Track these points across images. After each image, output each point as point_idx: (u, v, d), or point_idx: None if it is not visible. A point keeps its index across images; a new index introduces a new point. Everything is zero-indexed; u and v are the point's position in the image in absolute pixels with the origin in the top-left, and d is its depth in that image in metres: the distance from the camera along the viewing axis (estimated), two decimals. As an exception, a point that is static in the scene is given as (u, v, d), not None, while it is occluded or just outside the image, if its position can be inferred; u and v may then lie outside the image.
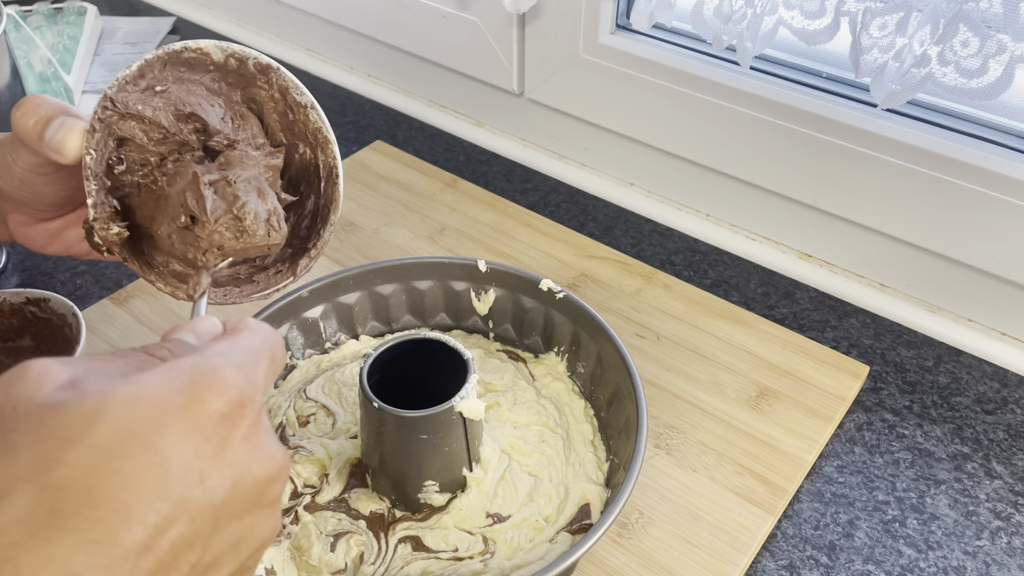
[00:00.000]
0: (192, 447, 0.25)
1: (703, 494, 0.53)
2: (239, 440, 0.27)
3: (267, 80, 0.42)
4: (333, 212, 0.44)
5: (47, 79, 0.90)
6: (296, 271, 0.43)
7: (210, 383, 0.26)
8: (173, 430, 0.25)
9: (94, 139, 0.37)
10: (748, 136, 0.68)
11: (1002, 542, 0.52)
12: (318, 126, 0.43)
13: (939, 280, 0.66)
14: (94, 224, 0.38)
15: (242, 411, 0.27)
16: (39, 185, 0.41)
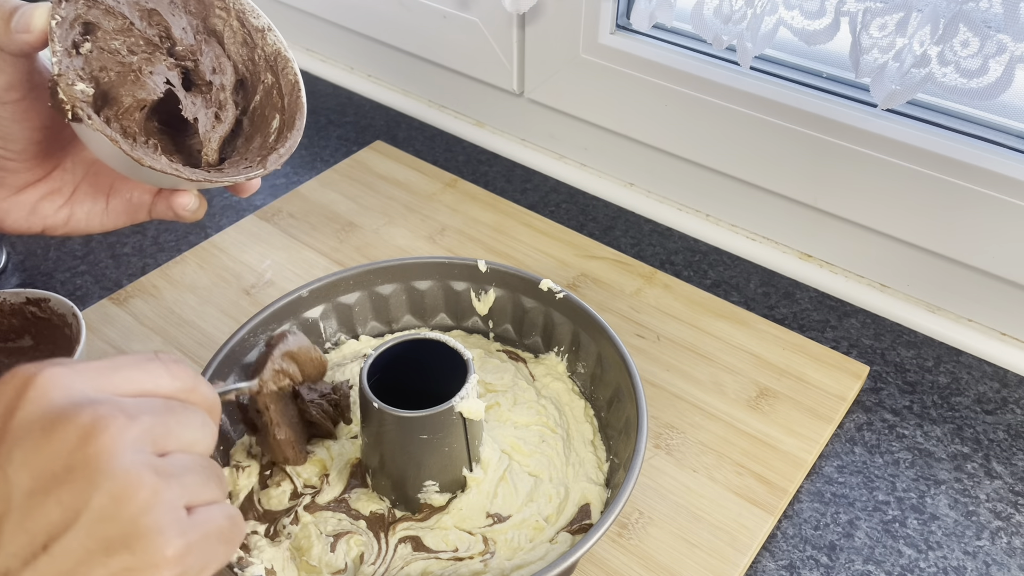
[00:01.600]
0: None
1: (703, 494, 0.53)
2: (16, 443, 0.27)
3: (224, 6, 0.43)
4: (299, 119, 0.44)
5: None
6: (266, 164, 0.43)
7: (17, 393, 0.28)
8: None
9: (60, 8, 0.37)
10: (748, 136, 0.68)
11: (1002, 542, 0.52)
12: (277, 48, 0.44)
13: (939, 280, 0.66)
14: (59, 80, 0.37)
15: (29, 391, 0.28)
16: (7, 122, 0.39)
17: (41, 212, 0.44)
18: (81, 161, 0.45)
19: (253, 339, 0.53)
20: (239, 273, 0.70)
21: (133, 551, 0.26)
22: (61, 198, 0.44)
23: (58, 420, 0.26)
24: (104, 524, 0.26)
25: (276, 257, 0.71)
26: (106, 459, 0.26)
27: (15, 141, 0.40)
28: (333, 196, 0.78)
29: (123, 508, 0.26)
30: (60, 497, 0.26)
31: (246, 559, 0.42)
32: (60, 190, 0.44)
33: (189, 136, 0.44)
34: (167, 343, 0.64)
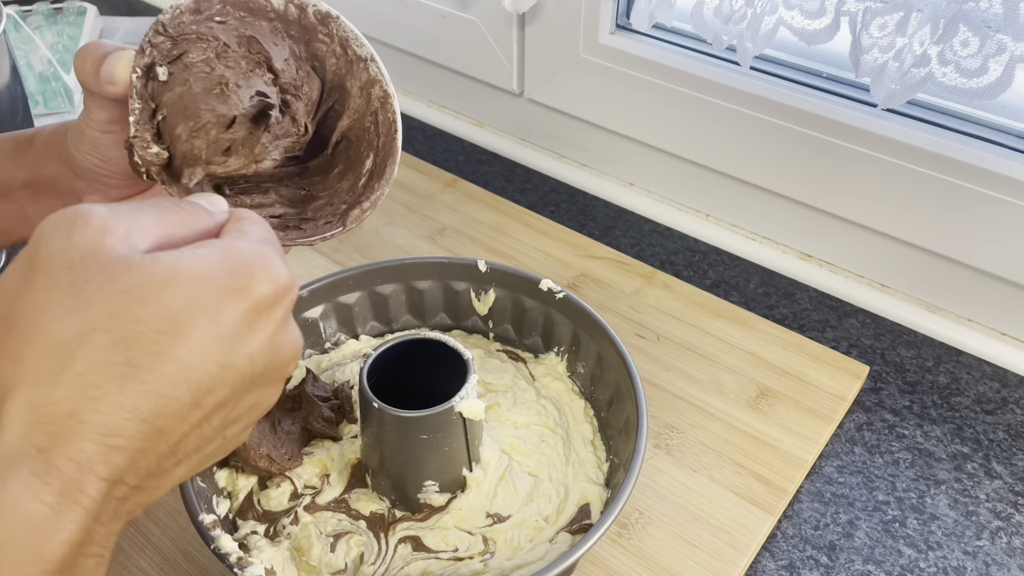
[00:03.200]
0: (246, 324, 0.28)
1: (703, 494, 0.53)
2: (279, 323, 0.30)
3: (327, 32, 0.41)
4: (390, 166, 0.41)
5: (47, 79, 0.90)
6: (346, 222, 0.41)
7: (266, 270, 0.29)
8: (233, 307, 0.28)
9: (142, 60, 0.37)
10: (748, 136, 0.68)
11: (1002, 542, 0.52)
12: (378, 79, 0.41)
13: (939, 280, 0.65)
14: (134, 142, 0.37)
15: (285, 298, 0.30)
16: (108, 147, 0.41)
17: None
18: None
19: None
20: (239, 273, 0.70)
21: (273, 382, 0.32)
22: None
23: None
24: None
25: (276, 257, 0.71)
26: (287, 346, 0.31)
27: (116, 163, 0.42)
28: (333, 196, 0.78)
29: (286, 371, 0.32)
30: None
31: (246, 559, 0.42)
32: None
33: (278, 175, 0.42)
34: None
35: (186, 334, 0.27)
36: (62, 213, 0.28)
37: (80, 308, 0.26)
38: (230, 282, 0.28)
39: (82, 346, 0.26)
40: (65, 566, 0.26)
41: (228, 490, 0.48)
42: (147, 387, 0.26)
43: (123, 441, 0.26)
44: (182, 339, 0.27)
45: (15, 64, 0.69)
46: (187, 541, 0.52)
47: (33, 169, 0.44)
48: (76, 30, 1.01)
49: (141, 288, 0.27)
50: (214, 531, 0.42)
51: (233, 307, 0.28)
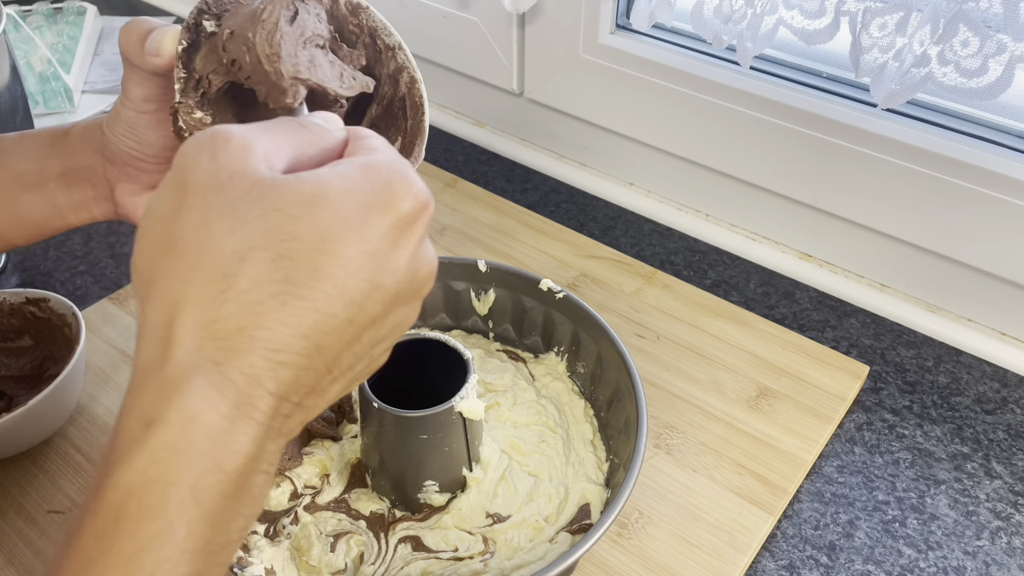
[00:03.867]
0: (391, 240, 0.28)
1: (703, 494, 0.53)
2: (419, 239, 0.30)
3: (358, 23, 0.42)
4: (418, 146, 0.43)
5: (47, 79, 0.90)
6: None
7: (406, 185, 0.29)
8: (378, 223, 0.28)
9: (187, 35, 0.38)
10: (748, 136, 0.68)
11: (1002, 542, 0.52)
12: (405, 66, 0.43)
13: (939, 280, 0.65)
14: (179, 107, 0.38)
15: (424, 214, 0.30)
16: (143, 128, 0.42)
17: None
18: None
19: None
20: (239, 273, 0.70)
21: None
22: None
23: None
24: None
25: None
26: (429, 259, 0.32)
27: (150, 146, 0.43)
28: (333, 196, 0.78)
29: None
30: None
31: (245, 559, 0.42)
32: None
33: None
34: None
35: (337, 251, 0.27)
36: (201, 135, 0.28)
37: (237, 227, 0.27)
38: (373, 198, 0.28)
39: (243, 264, 0.26)
40: (240, 477, 0.27)
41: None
42: (306, 304, 0.27)
43: (288, 357, 0.27)
44: (334, 256, 0.27)
45: (15, 64, 0.69)
46: (187, 541, 0.51)
47: (68, 160, 0.45)
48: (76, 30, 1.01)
49: (291, 206, 0.27)
50: (214, 531, 0.42)
51: (378, 223, 0.28)
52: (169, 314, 0.27)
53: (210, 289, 0.26)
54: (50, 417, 0.55)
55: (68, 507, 0.54)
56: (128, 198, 0.45)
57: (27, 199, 0.45)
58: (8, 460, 0.56)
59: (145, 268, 0.28)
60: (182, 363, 0.26)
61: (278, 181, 0.27)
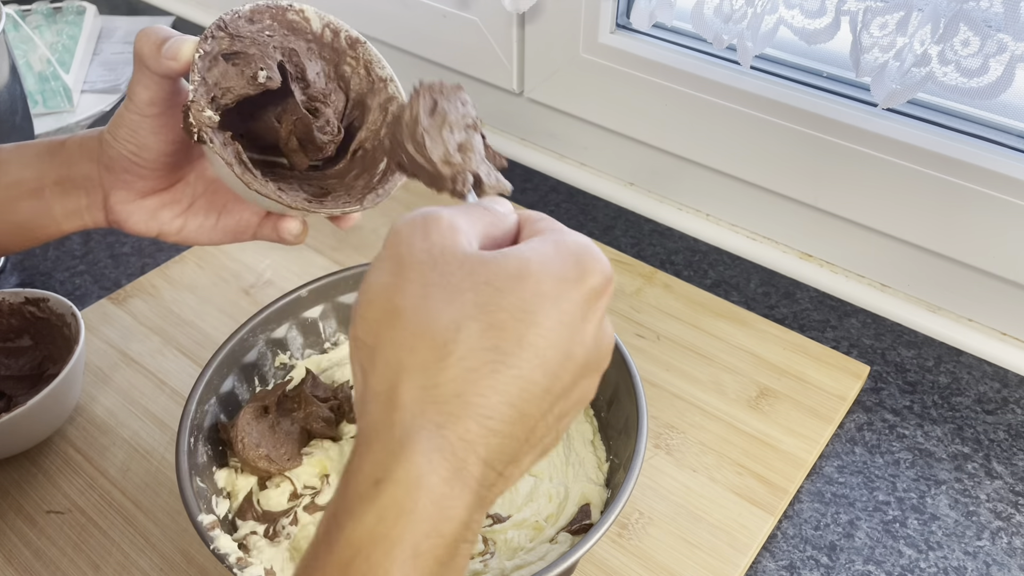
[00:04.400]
0: (582, 312, 0.30)
1: (703, 494, 0.53)
2: (603, 312, 0.32)
3: (355, 55, 0.46)
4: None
5: (46, 78, 0.90)
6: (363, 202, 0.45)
7: (595, 260, 0.31)
8: (572, 296, 0.30)
9: (204, 44, 0.41)
10: (748, 136, 0.68)
11: (1002, 542, 0.52)
12: (395, 96, 0.46)
13: (939, 280, 0.65)
14: (191, 105, 0.40)
15: (609, 287, 0.32)
16: (145, 132, 0.44)
17: (159, 218, 0.48)
18: (203, 179, 0.49)
19: (252, 339, 0.53)
20: (238, 273, 0.70)
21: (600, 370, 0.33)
22: (179, 208, 0.48)
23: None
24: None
25: (275, 257, 0.71)
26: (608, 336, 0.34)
27: (149, 151, 0.44)
28: (333, 196, 0.78)
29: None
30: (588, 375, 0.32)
31: (245, 559, 0.42)
32: (179, 201, 0.48)
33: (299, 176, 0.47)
34: (166, 343, 0.64)
35: (539, 322, 0.29)
36: (413, 217, 0.30)
37: (452, 299, 0.28)
38: (567, 272, 0.30)
39: (459, 332, 0.28)
40: (453, 544, 0.28)
41: (227, 490, 0.48)
42: (513, 372, 0.28)
43: (497, 424, 0.28)
44: (536, 327, 0.29)
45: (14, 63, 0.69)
46: (187, 542, 0.51)
47: (65, 168, 0.47)
48: (75, 29, 1.01)
49: (499, 280, 0.29)
50: (213, 531, 0.42)
51: (572, 296, 0.30)
52: (393, 380, 0.28)
53: (431, 356, 0.28)
54: (49, 417, 0.55)
55: (67, 507, 0.54)
56: (121, 206, 0.47)
57: (24, 206, 0.47)
58: (7, 460, 0.56)
59: (369, 336, 0.29)
60: (408, 425, 0.27)
61: (485, 257, 0.29)
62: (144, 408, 0.59)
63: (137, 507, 0.53)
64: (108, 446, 0.57)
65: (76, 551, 0.51)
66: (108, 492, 0.54)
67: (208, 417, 0.49)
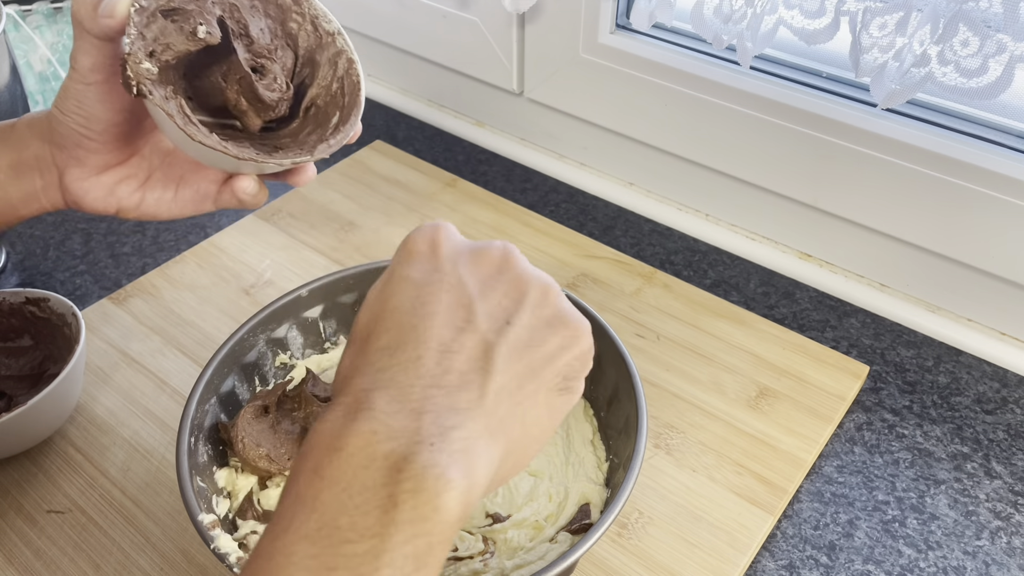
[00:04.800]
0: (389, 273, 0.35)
1: (703, 494, 0.53)
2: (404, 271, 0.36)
3: (300, 11, 0.46)
4: (354, 115, 0.47)
5: (46, 79, 0.90)
6: (313, 152, 0.45)
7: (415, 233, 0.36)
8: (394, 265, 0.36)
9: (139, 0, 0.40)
10: (748, 136, 0.68)
11: (1002, 542, 0.52)
12: (343, 50, 0.46)
13: (939, 280, 0.65)
14: (128, 59, 0.39)
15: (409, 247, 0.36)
16: (91, 102, 0.43)
17: (117, 194, 0.47)
18: (158, 151, 0.48)
19: (252, 339, 0.53)
20: (238, 273, 0.70)
21: (566, 325, 0.35)
22: (136, 183, 0.48)
23: (482, 248, 0.35)
24: (541, 308, 0.35)
25: (275, 257, 0.71)
26: (524, 268, 0.36)
27: (98, 121, 0.44)
28: (333, 195, 0.78)
29: (548, 298, 0.35)
30: (505, 290, 0.34)
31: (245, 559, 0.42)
32: (136, 175, 0.48)
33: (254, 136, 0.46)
34: (167, 342, 0.64)
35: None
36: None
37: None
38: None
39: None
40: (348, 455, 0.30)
41: (228, 490, 0.48)
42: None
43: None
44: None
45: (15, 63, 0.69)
46: (187, 541, 0.52)
47: (16, 151, 0.46)
48: (76, 30, 1.01)
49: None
50: (214, 531, 0.42)
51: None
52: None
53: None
54: (50, 417, 0.55)
55: (67, 507, 0.54)
56: (77, 184, 0.46)
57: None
58: (8, 460, 0.56)
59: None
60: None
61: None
62: (144, 408, 0.59)
63: (137, 507, 0.53)
64: (108, 446, 0.57)
65: (76, 551, 0.51)
66: (108, 492, 0.54)
67: (208, 417, 0.49)
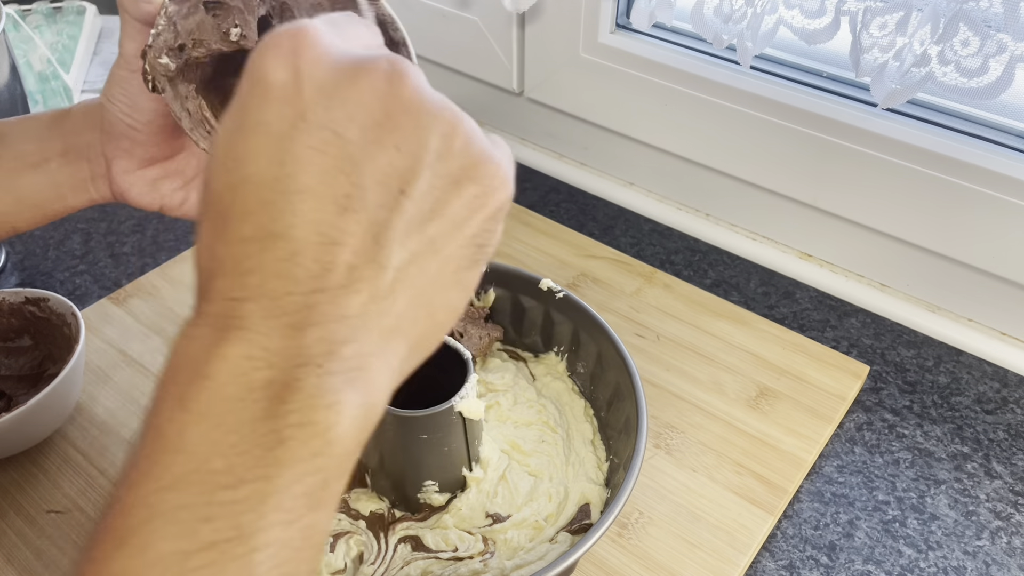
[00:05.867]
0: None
1: (703, 494, 0.53)
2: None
3: (368, 13, 0.42)
4: None
5: (46, 78, 0.90)
6: None
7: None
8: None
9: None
10: (748, 135, 0.68)
11: (1002, 542, 0.52)
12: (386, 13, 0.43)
13: (939, 280, 0.65)
14: (148, 51, 0.38)
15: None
16: (135, 90, 0.41)
17: (160, 190, 0.46)
18: None
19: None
20: (238, 273, 0.70)
21: (477, 179, 0.26)
22: (181, 180, 0.46)
23: (358, 72, 0.25)
24: (444, 161, 0.26)
25: (276, 257, 0.71)
26: (419, 101, 0.25)
27: (142, 112, 0.42)
28: (333, 195, 0.78)
29: (454, 143, 0.26)
30: (396, 143, 0.25)
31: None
32: (182, 172, 0.46)
33: None
34: (166, 343, 0.64)
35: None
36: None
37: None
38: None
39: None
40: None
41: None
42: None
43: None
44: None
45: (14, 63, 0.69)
46: (186, 541, 0.51)
47: (68, 138, 0.45)
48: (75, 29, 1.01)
49: None
50: (213, 531, 0.42)
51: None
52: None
53: None
54: (49, 417, 0.55)
55: (68, 507, 0.54)
56: (123, 176, 0.45)
57: (28, 179, 0.45)
58: (8, 460, 0.56)
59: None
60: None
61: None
62: (144, 408, 0.59)
63: (137, 507, 0.53)
64: (108, 446, 0.57)
65: (76, 551, 0.51)
66: (108, 492, 0.54)
67: (208, 417, 0.49)
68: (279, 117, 0.24)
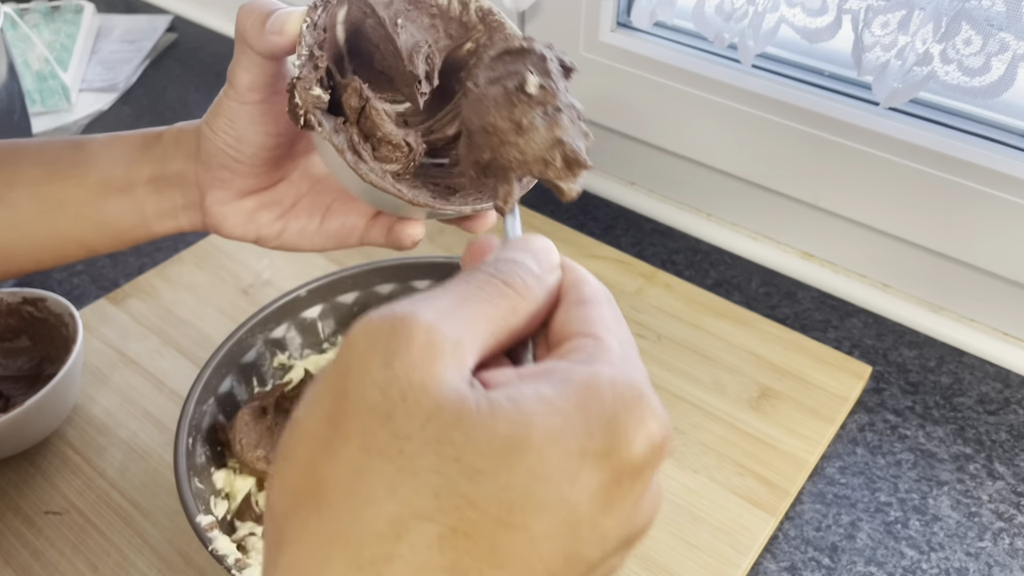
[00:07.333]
0: (602, 500, 0.21)
1: (704, 495, 0.53)
2: (647, 487, 0.22)
3: (486, 27, 0.41)
4: None
5: (44, 77, 0.90)
6: (496, 196, 0.37)
7: (638, 421, 0.21)
8: (590, 479, 0.20)
9: (314, 14, 0.36)
10: (750, 135, 0.68)
11: (1004, 543, 0.52)
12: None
13: (941, 280, 0.65)
14: (297, 84, 0.35)
15: (659, 460, 0.22)
16: (244, 122, 0.39)
17: (257, 221, 0.43)
18: (307, 177, 0.44)
19: (251, 339, 0.53)
20: (237, 273, 0.70)
21: (643, 534, 0.23)
22: (279, 210, 0.44)
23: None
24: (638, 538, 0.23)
25: (274, 256, 0.71)
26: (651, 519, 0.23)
27: (248, 144, 0.40)
28: (332, 195, 0.78)
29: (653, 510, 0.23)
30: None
31: (243, 560, 0.42)
32: (280, 202, 0.44)
33: (419, 173, 0.40)
34: (165, 343, 0.64)
35: (529, 526, 0.20)
36: (377, 322, 0.21)
37: (401, 482, 0.20)
38: (589, 443, 0.20)
39: (399, 542, 0.20)
40: None
41: (226, 491, 0.48)
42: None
43: None
44: (523, 533, 0.20)
45: (12, 62, 0.69)
46: (185, 543, 0.51)
47: (159, 165, 0.43)
48: (73, 28, 1.01)
49: (476, 456, 0.20)
50: (212, 532, 0.42)
51: (590, 479, 0.20)
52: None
53: (353, 571, 0.20)
54: (47, 417, 0.55)
55: (65, 508, 0.53)
56: (218, 207, 0.43)
57: (113, 205, 0.43)
58: (5, 461, 0.56)
59: (280, 516, 0.21)
60: None
61: (465, 411, 0.20)
62: (142, 408, 0.59)
63: (135, 508, 0.53)
64: (106, 446, 0.57)
65: (74, 552, 0.51)
66: (106, 493, 0.54)
67: (206, 418, 0.49)
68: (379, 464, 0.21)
